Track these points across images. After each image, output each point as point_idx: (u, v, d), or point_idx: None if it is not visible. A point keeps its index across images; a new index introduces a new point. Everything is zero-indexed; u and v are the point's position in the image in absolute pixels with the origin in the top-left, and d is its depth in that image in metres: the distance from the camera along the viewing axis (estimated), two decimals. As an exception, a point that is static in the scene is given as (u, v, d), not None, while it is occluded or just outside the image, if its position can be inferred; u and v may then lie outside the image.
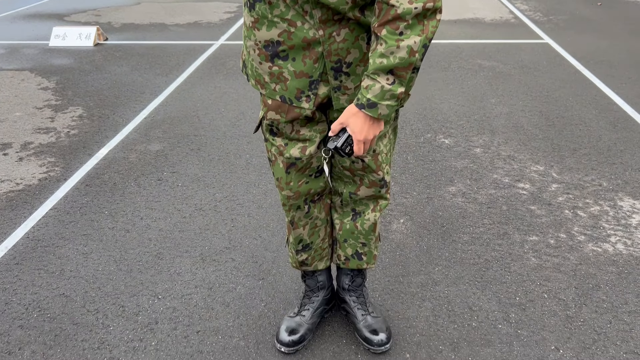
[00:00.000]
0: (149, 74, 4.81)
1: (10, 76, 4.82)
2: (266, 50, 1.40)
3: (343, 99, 1.43)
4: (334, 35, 1.34)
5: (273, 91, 1.44)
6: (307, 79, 1.40)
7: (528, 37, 5.53)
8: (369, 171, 1.58)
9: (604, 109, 3.74)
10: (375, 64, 1.24)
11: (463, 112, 3.78)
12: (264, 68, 1.43)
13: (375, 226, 1.72)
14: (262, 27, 1.37)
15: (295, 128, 1.50)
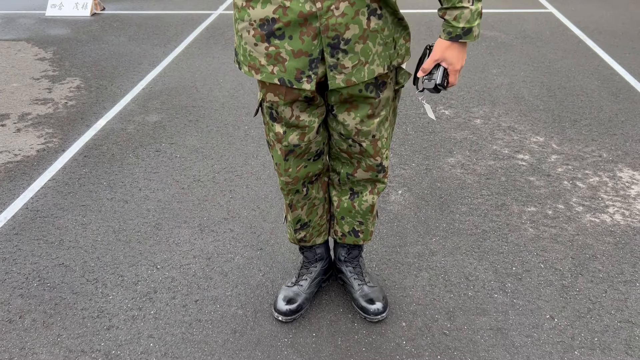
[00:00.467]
0: (147, 44, 4.75)
1: (6, 47, 4.77)
2: (261, 29, 1.32)
3: (339, 79, 1.36)
4: (332, 9, 1.27)
5: (271, 74, 1.36)
6: (307, 58, 1.33)
7: (531, 7, 5.44)
8: (366, 155, 1.56)
9: (607, 79, 3.70)
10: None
11: (464, 83, 3.74)
12: (259, 50, 1.35)
13: (372, 207, 1.71)
14: (257, 4, 1.30)
15: (294, 113, 1.46)
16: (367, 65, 1.38)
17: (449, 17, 1.32)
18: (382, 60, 1.41)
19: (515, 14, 5.23)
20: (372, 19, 1.34)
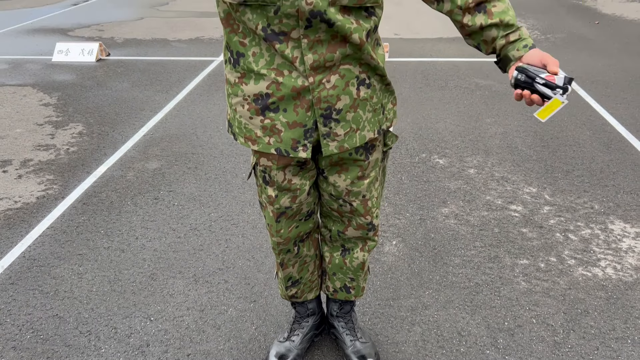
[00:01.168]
0: (150, 90, 4.87)
1: (12, 92, 4.88)
2: (256, 104, 1.37)
3: (333, 145, 1.41)
4: (324, 82, 1.32)
5: (267, 144, 1.41)
6: (302, 128, 1.38)
7: (525, 56, 5.58)
8: (357, 214, 1.60)
9: (598, 129, 3.77)
10: (512, 17, 1.33)
11: (458, 132, 3.82)
12: (255, 122, 1.40)
13: (363, 264, 1.74)
14: (250, 80, 1.36)
15: (287, 177, 1.50)
16: (358, 132, 1.44)
17: (517, 36, 1.32)
18: (372, 125, 1.47)
19: (510, 63, 5.36)
20: (362, 89, 1.40)
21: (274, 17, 1.26)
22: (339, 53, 1.32)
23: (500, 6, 1.33)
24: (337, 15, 1.26)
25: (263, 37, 1.29)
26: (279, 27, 1.27)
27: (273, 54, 1.31)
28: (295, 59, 1.30)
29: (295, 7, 1.23)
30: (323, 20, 1.26)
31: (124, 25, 7.62)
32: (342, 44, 1.31)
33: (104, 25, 7.70)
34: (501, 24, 1.32)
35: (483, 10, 1.33)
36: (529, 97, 1.27)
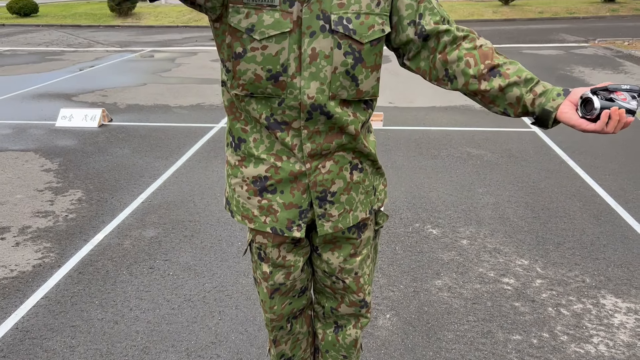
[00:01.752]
0: (150, 156, 4.97)
1: (15, 157, 4.99)
2: (254, 185, 1.45)
3: (327, 226, 1.47)
4: (319, 168, 1.41)
5: (263, 224, 1.47)
6: (297, 209, 1.44)
7: (516, 126, 5.75)
8: (349, 291, 1.64)
9: (588, 201, 3.85)
10: (529, 73, 1.33)
11: (451, 202, 3.89)
12: (252, 202, 1.47)
13: (356, 342, 1.76)
14: (250, 164, 1.44)
15: (281, 253, 1.55)
16: (351, 213, 1.51)
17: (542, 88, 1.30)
18: (364, 206, 1.54)
19: (501, 133, 5.52)
20: (355, 173, 1.49)
21: (278, 108, 1.35)
22: (335, 143, 1.41)
23: (514, 67, 1.34)
24: (337, 108, 1.36)
25: (266, 125, 1.38)
26: (282, 117, 1.36)
27: (273, 141, 1.40)
28: (294, 146, 1.38)
29: (298, 100, 1.33)
30: (323, 112, 1.35)
31: (127, 91, 7.86)
32: (338, 134, 1.40)
33: (107, 90, 7.94)
34: (521, 81, 1.31)
35: (498, 74, 1.33)
36: (617, 112, 1.18)
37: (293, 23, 1.30)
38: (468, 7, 18.35)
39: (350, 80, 1.35)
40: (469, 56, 1.35)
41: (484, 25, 15.03)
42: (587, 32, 12.81)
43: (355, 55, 1.34)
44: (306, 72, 1.32)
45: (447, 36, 1.38)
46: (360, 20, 1.33)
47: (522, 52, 10.41)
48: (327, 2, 1.30)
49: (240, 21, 1.30)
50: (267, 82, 1.32)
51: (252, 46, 1.31)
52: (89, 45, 13.17)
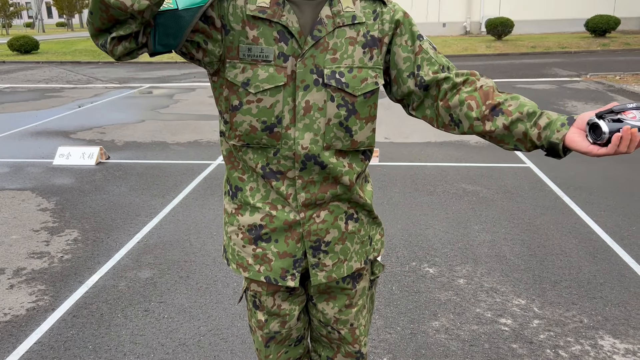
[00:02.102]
0: (146, 194, 4.99)
1: (11, 196, 4.99)
2: (249, 233, 1.46)
3: (321, 275, 1.48)
4: (314, 217, 1.42)
5: (257, 272, 1.48)
6: (291, 259, 1.45)
7: (511, 161, 5.80)
8: (345, 342, 1.63)
9: (584, 238, 3.86)
10: (533, 105, 1.31)
11: (447, 239, 3.89)
12: (247, 251, 1.48)
13: None
14: (245, 212, 1.46)
15: (276, 302, 1.55)
16: (346, 263, 1.51)
17: (546, 120, 1.29)
18: (359, 256, 1.54)
19: (496, 168, 5.56)
20: (350, 223, 1.50)
21: (273, 157, 1.39)
22: (330, 194, 1.43)
23: (516, 103, 1.34)
24: (331, 159, 1.39)
25: (262, 174, 1.41)
26: (277, 167, 1.40)
27: (269, 190, 1.43)
28: (289, 195, 1.41)
29: (292, 151, 1.37)
30: (317, 162, 1.38)
31: (125, 128, 7.92)
32: (333, 185, 1.43)
33: (105, 127, 8.01)
34: (523, 116, 1.31)
35: (500, 112, 1.34)
36: (629, 132, 1.15)
37: (287, 77, 1.34)
38: (462, 42, 18.70)
39: (344, 131, 1.39)
40: (470, 99, 1.38)
41: (477, 60, 15.29)
42: (579, 66, 13.03)
43: (348, 107, 1.38)
44: (300, 124, 1.36)
45: (446, 84, 1.41)
46: (353, 74, 1.37)
47: (516, 86, 10.57)
48: (320, 57, 1.35)
49: (237, 75, 1.35)
50: (262, 133, 1.36)
51: (248, 99, 1.35)
52: (88, 82, 13.33)
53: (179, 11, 1.29)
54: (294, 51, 1.34)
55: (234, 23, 1.34)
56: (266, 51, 1.34)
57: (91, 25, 1.26)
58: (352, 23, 1.37)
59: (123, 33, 1.24)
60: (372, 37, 1.40)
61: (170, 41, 1.31)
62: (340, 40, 1.36)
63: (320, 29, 1.34)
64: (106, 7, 1.19)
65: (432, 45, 1.47)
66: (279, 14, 1.33)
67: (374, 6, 1.42)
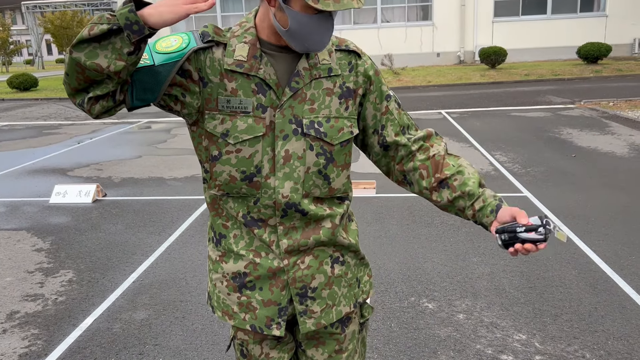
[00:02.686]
0: (142, 232, 4.96)
1: (7, 237, 4.96)
2: (234, 281, 1.45)
3: (310, 323, 1.46)
4: (298, 263, 1.42)
5: (243, 321, 1.46)
6: (276, 307, 1.43)
7: (508, 191, 5.79)
8: None
9: (584, 268, 3.82)
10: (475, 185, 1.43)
11: (446, 273, 3.86)
12: (232, 299, 1.47)
13: None
14: (230, 260, 1.45)
15: (264, 350, 1.52)
16: (334, 308, 1.49)
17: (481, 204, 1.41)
18: (347, 300, 1.53)
19: (493, 198, 5.55)
20: (336, 266, 1.49)
21: (254, 206, 1.39)
22: (313, 239, 1.43)
23: (461, 179, 1.44)
24: (311, 206, 1.40)
25: (243, 223, 1.41)
26: (258, 215, 1.40)
27: (252, 237, 1.42)
28: (272, 242, 1.41)
29: (272, 199, 1.38)
30: (297, 210, 1.39)
31: (122, 164, 7.94)
32: (315, 230, 1.43)
33: (103, 164, 8.02)
34: (464, 195, 1.43)
35: (446, 186, 1.46)
36: (523, 248, 1.32)
37: (266, 127, 1.36)
38: (456, 71, 18.93)
39: (323, 179, 1.41)
40: (422, 168, 1.48)
41: (472, 89, 15.45)
42: (573, 93, 13.17)
43: (326, 156, 1.40)
44: (280, 173, 1.37)
45: (404, 150, 1.50)
46: (330, 123, 1.40)
47: (511, 114, 10.65)
48: (298, 107, 1.37)
49: (216, 127, 1.36)
50: (242, 182, 1.38)
51: (227, 149, 1.36)
52: (86, 118, 13.42)
53: (156, 67, 1.30)
54: (272, 102, 1.36)
55: (211, 75, 1.35)
56: (245, 103, 1.36)
57: (67, 86, 1.27)
58: (329, 75, 1.40)
59: (100, 93, 1.24)
60: (348, 88, 1.44)
61: (148, 96, 1.32)
62: (318, 91, 1.39)
63: (298, 80, 1.37)
64: (82, 69, 1.20)
65: (397, 104, 1.52)
66: (256, 67, 1.35)
67: (350, 58, 1.45)
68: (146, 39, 1.22)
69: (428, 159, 1.47)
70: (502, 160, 7.11)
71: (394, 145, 1.50)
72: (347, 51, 1.45)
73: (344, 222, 1.51)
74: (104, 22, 1.19)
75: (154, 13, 1.20)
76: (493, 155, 7.40)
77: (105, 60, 1.19)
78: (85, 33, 1.19)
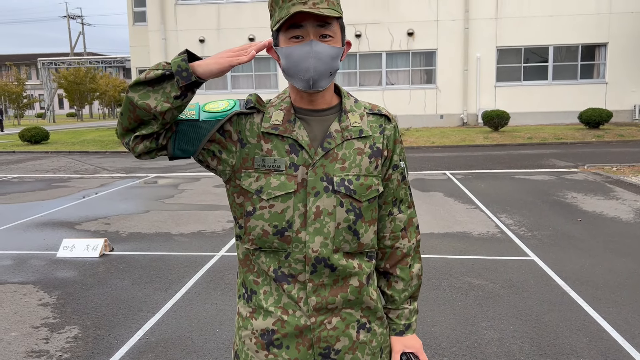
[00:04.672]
0: (149, 288, 4.95)
1: (13, 290, 4.95)
2: (262, 338, 1.48)
3: None
4: (325, 323, 1.46)
5: None
6: None
7: (515, 254, 5.79)
8: None
9: (594, 336, 3.78)
10: (401, 299, 1.58)
11: (455, 338, 3.81)
12: (260, 356, 1.49)
13: None
14: (259, 316, 1.49)
15: None
16: None
17: (392, 315, 1.59)
18: None
19: (500, 262, 5.54)
20: (362, 332, 1.52)
21: (285, 260, 1.46)
22: (341, 297, 1.47)
23: (398, 286, 1.60)
24: (340, 261, 1.46)
25: (274, 278, 1.47)
26: (289, 270, 1.46)
27: (281, 294, 1.47)
28: (300, 299, 1.46)
29: (303, 254, 1.44)
30: (327, 265, 1.45)
31: (130, 219, 7.99)
32: (343, 288, 1.48)
33: (110, 218, 8.08)
34: (390, 298, 1.60)
35: (387, 279, 1.62)
36: None
37: (297, 184, 1.45)
38: (460, 133, 19.26)
39: (352, 234, 1.47)
40: (382, 252, 1.60)
41: (476, 151, 15.67)
42: (576, 157, 13.34)
43: (356, 212, 1.47)
44: (311, 228, 1.44)
45: (381, 221, 1.60)
46: (360, 181, 1.48)
47: (515, 177, 10.76)
48: (330, 166, 1.46)
49: (251, 184, 1.47)
50: (274, 237, 1.45)
51: (261, 205, 1.45)
52: (95, 172, 13.61)
53: (199, 122, 1.46)
54: (305, 161, 1.45)
55: (250, 137, 1.48)
56: (278, 162, 1.46)
57: (120, 126, 1.43)
58: (360, 136, 1.50)
59: (145, 132, 1.40)
60: (378, 148, 1.53)
61: (189, 147, 1.46)
62: (349, 151, 1.49)
63: (330, 141, 1.47)
64: (134, 107, 1.37)
65: (402, 177, 1.60)
66: (289, 130, 1.47)
67: (381, 121, 1.56)
68: (192, 86, 1.38)
69: (391, 247, 1.59)
70: (508, 223, 7.14)
71: (379, 209, 1.59)
72: (379, 115, 1.56)
73: (370, 281, 1.55)
74: (160, 68, 1.37)
75: (202, 64, 1.38)
76: (499, 217, 7.44)
77: (154, 101, 1.36)
78: (142, 76, 1.37)
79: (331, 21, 1.42)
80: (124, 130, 1.42)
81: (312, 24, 1.39)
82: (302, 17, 1.38)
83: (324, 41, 1.41)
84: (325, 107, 1.51)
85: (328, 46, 1.41)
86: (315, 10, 1.36)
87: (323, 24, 1.40)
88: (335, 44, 1.44)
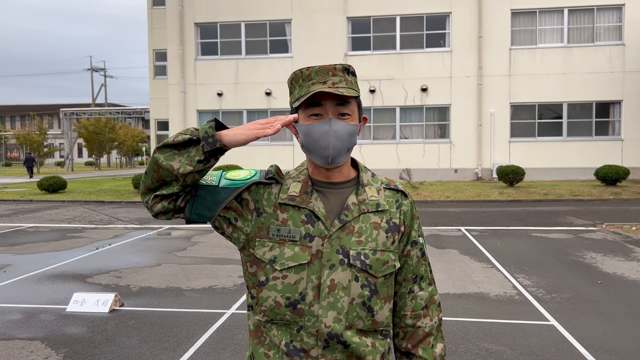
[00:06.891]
0: (157, 347, 4.84)
1: (21, 347, 4.88)
2: None
3: None
4: None
5: None
6: None
7: (534, 318, 5.60)
8: None
9: (621, 412, 3.58)
10: None
11: (473, 410, 3.64)
12: None
13: None
14: None
15: None
16: None
17: None
18: None
19: (518, 326, 5.36)
20: None
21: (297, 334, 1.42)
22: None
23: None
24: (354, 338, 1.41)
25: (285, 352, 1.43)
26: (301, 345, 1.42)
27: None
28: None
29: (315, 328, 1.41)
30: (340, 342, 1.40)
31: (141, 272, 7.94)
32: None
33: (122, 271, 8.04)
34: None
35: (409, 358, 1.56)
36: None
37: (311, 256, 1.43)
38: (474, 187, 19.17)
39: (367, 311, 1.43)
40: (403, 330, 1.56)
41: (491, 206, 15.53)
42: (593, 215, 13.14)
43: (371, 288, 1.44)
44: (324, 302, 1.41)
45: (401, 299, 1.57)
46: (377, 256, 1.46)
47: (532, 234, 10.59)
48: (346, 239, 1.44)
49: (265, 253, 1.46)
50: (286, 309, 1.42)
51: (274, 275, 1.44)
52: (109, 222, 13.68)
53: (219, 188, 1.49)
54: (321, 232, 1.45)
55: (267, 207, 1.49)
56: (293, 232, 1.45)
57: (143, 185, 1.46)
58: (377, 210, 1.49)
59: (165, 192, 1.43)
60: (395, 223, 1.52)
61: (206, 212, 1.48)
62: (366, 224, 1.47)
63: (347, 213, 1.47)
64: (158, 167, 1.41)
65: (422, 252, 1.59)
66: (306, 201, 1.47)
67: (397, 196, 1.56)
68: (216, 153, 1.41)
69: (413, 326, 1.55)
70: (526, 284, 6.96)
71: (399, 286, 1.57)
72: (395, 190, 1.56)
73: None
74: (188, 133, 1.42)
75: (229, 134, 1.42)
76: (516, 278, 7.26)
77: (178, 163, 1.40)
78: (170, 140, 1.42)
79: (350, 100, 1.44)
80: (146, 189, 1.45)
81: (332, 103, 1.42)
82: (322, 97, 1.42)
83: (342, 119, 1.44)
84: (342, 180, 1.52)
85: (346, 124, 1.44)
86: (334, 91, 1.39)
87: (342, 103, 1.44)
88: (353, 121, 1.46)
